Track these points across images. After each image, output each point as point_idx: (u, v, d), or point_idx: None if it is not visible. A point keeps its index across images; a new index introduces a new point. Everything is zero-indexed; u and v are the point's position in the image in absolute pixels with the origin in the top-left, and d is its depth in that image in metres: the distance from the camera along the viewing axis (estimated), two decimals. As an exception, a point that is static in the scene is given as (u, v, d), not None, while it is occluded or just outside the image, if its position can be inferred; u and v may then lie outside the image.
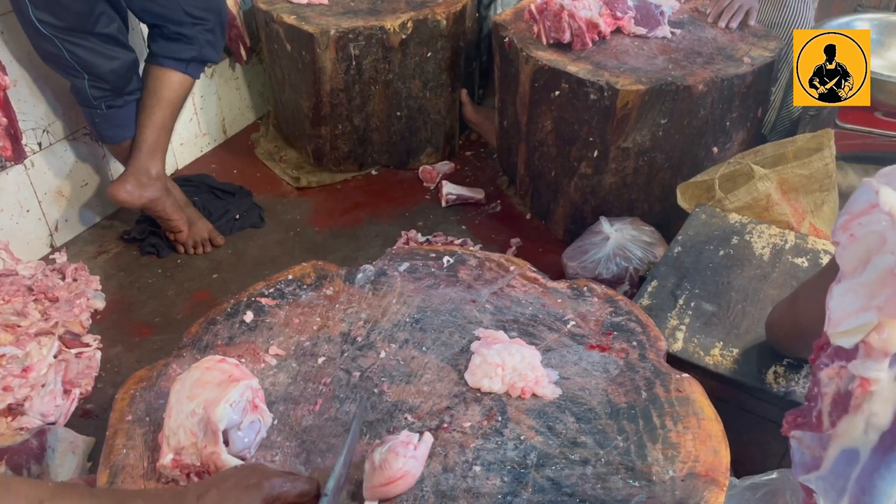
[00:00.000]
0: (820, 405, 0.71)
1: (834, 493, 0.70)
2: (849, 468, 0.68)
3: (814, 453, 0.72)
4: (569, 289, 1.34)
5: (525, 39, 2.22)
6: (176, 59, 2.09)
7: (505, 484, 0.99)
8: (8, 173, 2.12)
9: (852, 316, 0.66)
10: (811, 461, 0.72)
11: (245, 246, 2.39)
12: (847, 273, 0.69)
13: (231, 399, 0.99)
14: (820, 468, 0.71)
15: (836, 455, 0.69)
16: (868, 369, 0.65)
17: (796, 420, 0.76)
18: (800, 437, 0.74)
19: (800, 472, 0.73)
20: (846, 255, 0.69)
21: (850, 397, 0.67)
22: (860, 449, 0.67)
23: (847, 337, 0.66)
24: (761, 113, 2.27)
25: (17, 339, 1.80)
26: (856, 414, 0.66)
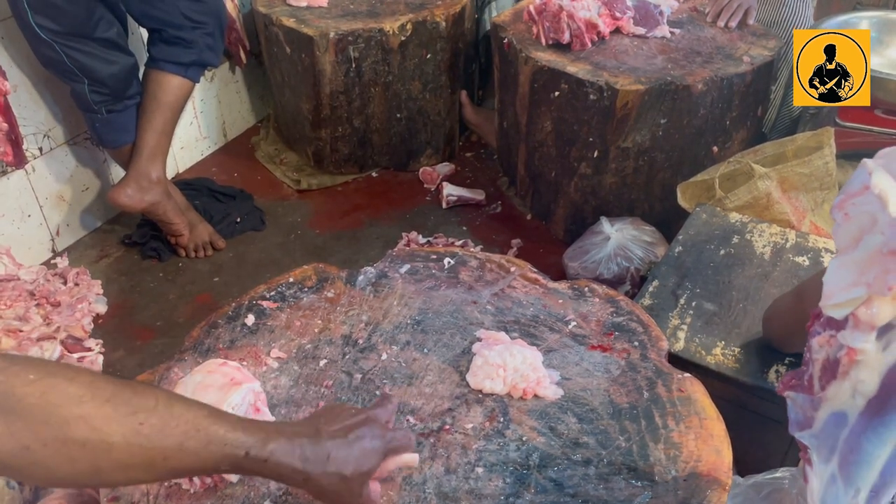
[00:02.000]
0: (811, 369, 0.77)
1: (825, 450, 0.76)
2: (838, 429, 0.74)
3: (806, 413, 0.78)
4: (570, 289, 1.34)
5: (524, 40, 2.23)
6: (176, 62, 2.09)
7: (507, 485, 0.99)
8: (9, 178, 2.12)
9: (844, 290, 0.70)
10: (804, 420, 0.78)
11: (246, 249, 2.39)
12: (841, 249, 0.72)
13: (233, 402, 0.99)
14: (812, 427, 0.77)
15: (826, 416, 0.75)
16: (855, 340, 0.70)
17: (790, 381, 0.82)
18: (793, 398, 0.80)
19: (795, 429, 0.80)
20: (841, 232, 0.72)
21: (838, 364, 0.72)
22: (848, 412, 0.73)
23: (838, 309, 0.71)
24: (761, 112, 2.27)
25: (20, 343, 1.80)
26: (843, 380, 0.72)
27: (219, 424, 0.78)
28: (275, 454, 0.80)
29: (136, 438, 0.73)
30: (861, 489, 0.73)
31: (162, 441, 0.74)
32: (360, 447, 0.87)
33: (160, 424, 0.75)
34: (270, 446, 0.80)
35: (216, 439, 0.77)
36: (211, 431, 0.77)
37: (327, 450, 0.84)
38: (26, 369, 0.69)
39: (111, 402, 0.73)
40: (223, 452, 0.78)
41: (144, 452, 0.73)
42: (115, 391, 0.74)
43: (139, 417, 0.74)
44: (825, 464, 0.76)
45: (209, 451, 0.77)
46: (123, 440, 0.72)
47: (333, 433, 0.86)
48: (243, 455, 0.78)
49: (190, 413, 0.78)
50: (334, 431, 0.87)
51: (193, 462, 0.77)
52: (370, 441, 0.88)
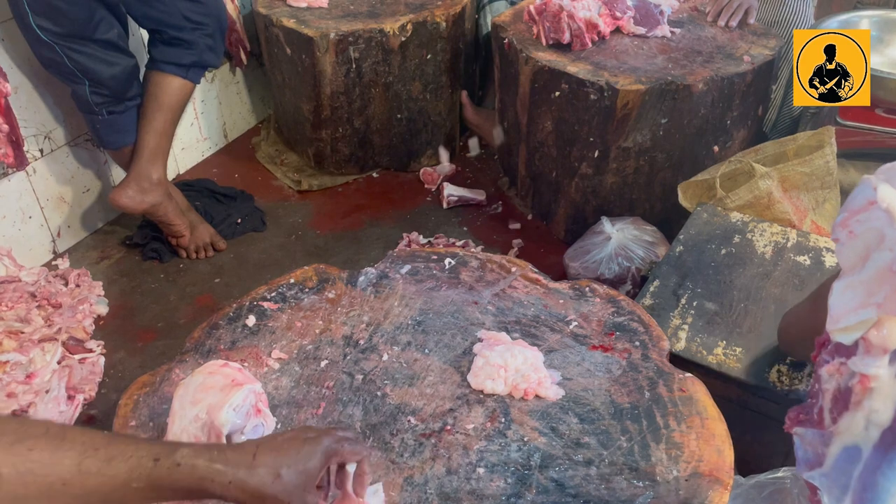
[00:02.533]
0: (821, 402, 0.72)
1: (837, 489, 0.70)
2: (851, 465, 0.68)
3: (816, 450, 0.72)
4: (570, 289, 1.34)
5: (524, 40, 2.23)
6: (176, 64, 2.09)
7: (508, 485, 0.99)
8: (10, 180, 2.12)
9: (851, 313, 0.66)
10: (814, 458, 0.72)
11: (247, 250, 2.39)
12: (847, 270, 0.69)
13: (234, 403, 0.99)
14: (823, 465, 0.71)
15: (839, 452, 0.70)
16: (868, 366, 0.65)
17: (798, 417, 0.76)
18: (802, 434, 0.74)
19: (803, 469, 0.74)
20: (845, 251, 0.69)
21: (850, 394, 0.67)
22: (862, 446, 0.67)
23: (847, 333, 0.66)
24: (762, 111, 2.27)
25: (21, 345, 1.80)
26: (856, 411, 0.67)
27: (120, 441, 0.73)
28: (187, 457, 0.74)
29: (27, 465, 0.66)
30: None
31: (56, 466, 0.68)
32: (295, 445, 0.79)
33: (51, 448, 0.68)
34: (182, 450, 0.74)
35: (119, 454, 0.71)
36: (111, 448, 0.71)
37: (252, 449, 0.77)
38: None
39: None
40: (129, 466, 0.71)
41: (38, 481, 0.67)
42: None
43: (27, 444, 0.67)
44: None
45: (113, 467, 0.70)
46: (13, 469, 0.66)
47: (256, 439, 0.81)
48: (153, 464, 0.72)
49: (85, 436, 0.71)
50: (263, 438, 0.81)
51: (98, 483, 0.69)
52: (307, 442, 0.80)
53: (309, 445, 0.80)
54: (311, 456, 0.79)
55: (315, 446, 0.80)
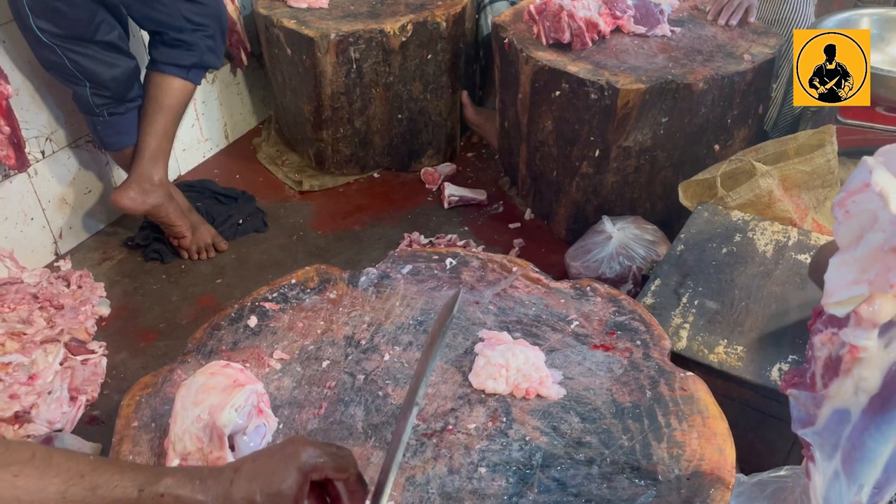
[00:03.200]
0: (814, 367, 0.77)
1: (828, 447, 0.76)
2: (841, 426, 0.74)
3: (809, 410, 0.78)
4: (572, 289, 1.35)
5: (525, 40, 2.23)
6: (177, 65, 2.09)
7: (510, 485, 0.99)
8: (11, 182, 2.13)
9: (845, 287, 0.70)
10: (807, 417, 0.78)
11: (248, 250, 2.39)
12: (843, 247, 0.72)
13: (236, 404, 0.99)
14: (815, 424, 0.77)
15: (829, 414, 0.75)
16: (858, 337, 0.70)
17: (793, 379, 0.81)
18: (796, 395, 0.80)
19: (797, 427, 0.79)
20: (842, 230, 0.72)
21: (840, 362, 0.72)
22: (851, 409, 0.73)
23: (840, 307, 0.70)
24: (762, 110, 2.27)
25: (23, 346, 1.81)
26: (846, 378, 0.72)
27: (105, 468, 0.73)
28: (171, 487, 0.73)
29: (12, 492, 0.66)
30: (864, 485, 0.73)
31: (41, 492, 0.67)
32: (271, 465, 0.77)
33: (37, 475, 0.68)
34: (165, 480, 0.74)
35: (103, 483, 0.71)
36: (97, 476, 0.71)
37: (229, 474, 0.76)
38: None
39: None
40: (114, 496, 0.71)
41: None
42: None
43: (13, 469, 0.67)
44: (828, 461, 0.76)
45: (98, 496, 0.70)
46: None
47: (239, 460, 0.79)
48: (137, 494, 0.71)
49: (71, 462, 0.71)
50: (240, 458, 0.80)
51: None
52: (284, 459, 0.77)
53: (285, 464, 0.77)
54: (286, 476, 0.76)
55: (292, 463, 0.77)
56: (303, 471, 0.76)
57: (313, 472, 0.77)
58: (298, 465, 0.76)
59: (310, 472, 0.77)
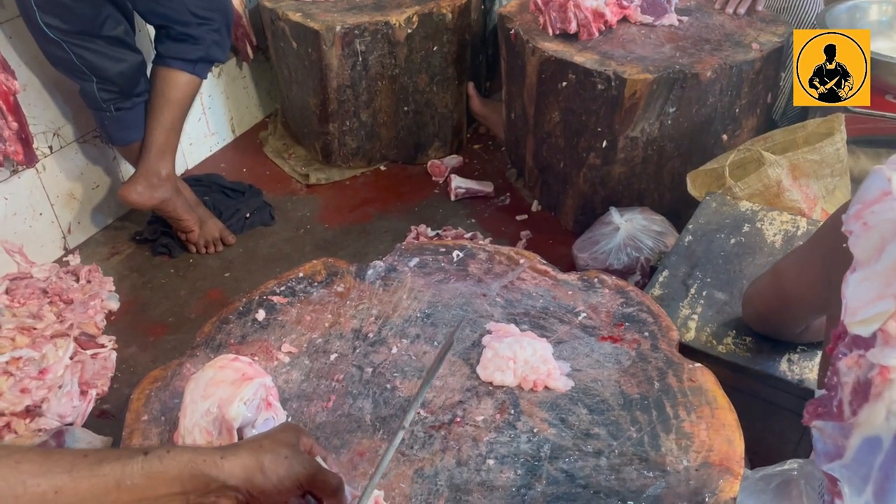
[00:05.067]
0: (840, 394, 0.71)
1: (858, 480, 0.70)
2: (872, 456, 0.68)
3: (836, 442, 0.72)
4: (579, 280, 1.34)
5: (531, 31, 2.22)
6: (183, 59, 2.09)
7: (519, 477, 0.99)
8: (20, 177, 2.14)
9: (869, 304, 0.66)
10: (834, 450, 0.72)
11: (256, 244, 2.40)
12: (862, 262, 0.68)
13: (245, 397, 1.00)
14: (843, 457, 0.71)
15: (859, 443, 0.69)
16: (887, 357, 0.64)
17: (817, 410, 0.75)
18: (821, 427, 0.74)
19: (823, 462, 0.73)
20: (860, 243, 0.68)
21: (870, 386, 0.67)
22: (882, 436, 0.67)
23: (864, 325, 0.66)
24: (771, 99, 2.25)
25: (34, 341, 1.82)
26: (876, 402, 0.66)
27: (109, 449, 0.73)
28: (177, 446, 0.75)
29: (17, 477, 0.66)
30: None
31: (47, 475, 0.67)
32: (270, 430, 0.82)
33: (40, 460, 0.68)
34: (171, 445, 0.75)
35: (108, 455, 0.71)
36: (101, 453, 0.71)
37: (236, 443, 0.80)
38: None
39: None
40: (121, 463, 0.70)
41: (30, 491, 0.66)
42: None
43: (15, 458, 0.67)
44: (858, 496, 0.70)
45: (105, 467, 0.69)
46: (3, 483, 0.65)
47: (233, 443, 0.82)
48: (143, 456, 0.71)
49: (71, 449, 0.73)
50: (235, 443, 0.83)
51: (91, 485, 0.68)
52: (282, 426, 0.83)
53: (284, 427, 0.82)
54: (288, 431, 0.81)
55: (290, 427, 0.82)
56: (300, 430, 0.82)
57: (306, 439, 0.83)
58: (295, 427, 0.83)
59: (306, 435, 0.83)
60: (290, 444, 0.79)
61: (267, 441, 0.78)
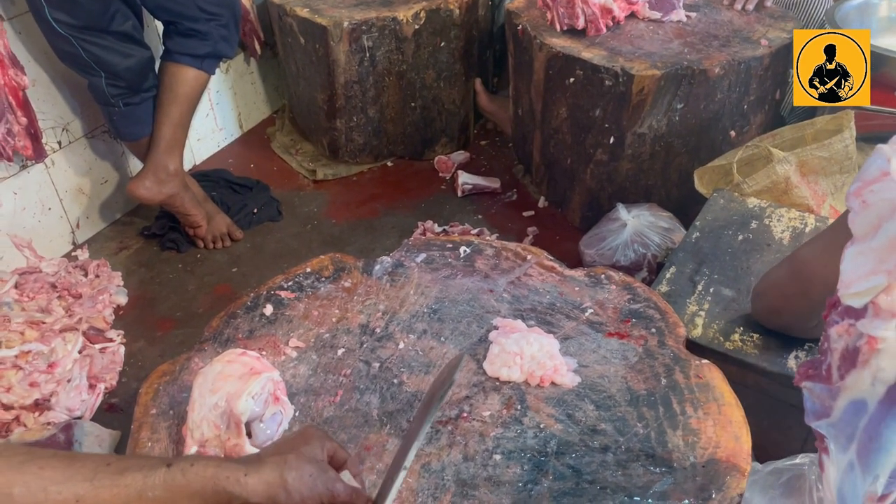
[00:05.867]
0: (830, 359, 0.76)
1: (843, 438, 0.75)
2: (857, 417, 0.73)
3: (824, 403, 0.77)
4: (586, 276, 1.34)
5: (538, 26, 2.21)
6: (191, 55, 2.10)
7: (525, 472, 0.99)
8: (29, 172, 2.15)
9: (863, 278, 0.69)
10: (821, 409, 0.77)
11: (263, 239, 2.40)
12: (859, 237, 0.71)
13: (253, 391, 1.00)
14: (830, 416, 0.76)
15: (845, 405, 0.74)
16: (876, 328, 0.68)
17: (808, 371, 0.81)
18: (811, 388, 0.79)
19: (811, 419, 0.79)
20: (858, 220, 0.71)
21: (857, 353, 0.71)
22: (868, 400, 0.72)
23: (857, 298, 0.70)
24: (779, 95, 2.24)
25: (42, 335, 1.83)
26: (863, 368, 0.71)
27: (131, 456, 0.73)
28: (199, 459, 0.74)
29: (39, 483, 0.66)
30: (880, 476, 0.73)
31: (69, 482, 0.67)
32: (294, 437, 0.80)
33: (63, 466, 0.68)
34: (193, 456, 0.74)
35: (132, 465, 0.70)
36: (124, 462, 0.71)
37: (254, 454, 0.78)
38: None
39: (2, 454, 0.67)
40: (143, 474, 0.70)
41: (51, 498, 0.66)
42: (2, 447, 0.69)
43: (38, 463, 0.67)
44: (843, 452, 0.75)
45: (127, 477, 0.69)
46: (25, 488, 0.65)
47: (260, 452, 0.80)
48: (166, 468, 0.71)
49: (94, 455, 0.71)
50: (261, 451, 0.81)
51: (112, 495, 0.68)
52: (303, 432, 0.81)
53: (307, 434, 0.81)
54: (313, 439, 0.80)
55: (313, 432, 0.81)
56: (324, 437, 0.81)
57: (329, 445, 0.81)
58: (319, 434, 0.81)
59: (329, 441, 0.81)
60: (316, 459, 0.77)
61: (292, 456, 0.76)
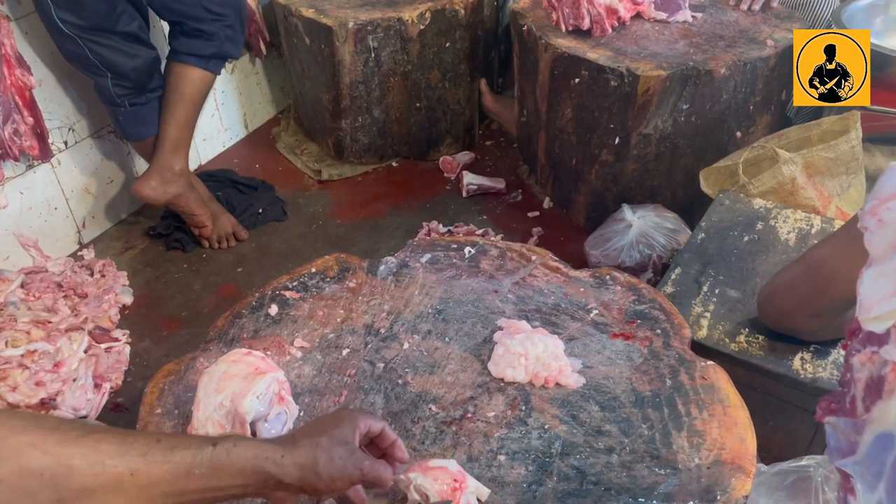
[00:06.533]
0: (853, 391, 0.71)
1: (870, 476, 0.69)
2: (885, 452, 0.68)
3: (849, 438, 0.72)
4: (591, 277, 1.34)
5: (544, 27, 2.21)
6: (197, 55, 2.10)
7: (529, 473, 0.99)
8: (35, 172, 2.15)
9: (884, 301, 0.65)
10: (846, 446, 0.72)
11: (268, 239, 2.41)
12: (877, 258, 0.68)
13: (258, 391, 1.01)
14: (856, 453, 0.71)
15: (872, 440, 0.69)
16: None
17: (830, 406, 0.76)
18: (834, 423, 0.74)
19: (836, 458, 0.73)
20: (875, 240, 0.68)
21: (883, 382, 0.66)
22: (895, 433, 0.67)
23: (879, 322, 0.66)
24: (785, 96, 2.23)
25: (48, 334, 1.83)
26: (890, 398, 0.66)
27: (177, 434, 0.77)
28: (242, 439, 0.78)
29: (96, 456, 0.68)
30: None
31: (123, 456, 0.69)
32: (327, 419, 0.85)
33: (118, 441, 0.70)
34: (236, 438, 0.77)
35: (179, 443, 0.74)
36: (172, 439, 0.74)
37: (289, 435, 0.83)
38: None
39: (60, 428, 0.69)
40: (191, 452, 0.73)
41: (108, 471, 0.68)
42: (59, 421, 0.70)
43: (94, 437, 0.69)
44: (871, 492, 0.70)
45: (177, 455, 0.72)
46: (84, 461, 0.67)
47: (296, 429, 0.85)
48: (212, 448, 0.74)
49: (144, 432, 0.75)
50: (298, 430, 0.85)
51: (163, 472, 0.71)
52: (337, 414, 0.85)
53: (339, 415, 0.85)
54: (344, 421, 0.83)
55: (346, 414, 0.85)
56: (356, 418, 0.84)
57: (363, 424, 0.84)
58: (352, 416, 0.85)
59: (362, 420, 0.85)
60: (346, 441, 0.81)
61: (325, 439, 0.80)
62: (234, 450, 0.75)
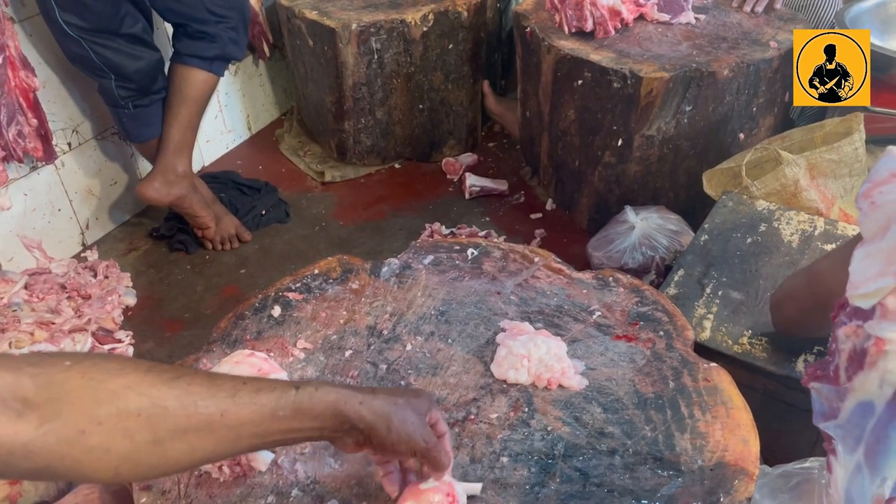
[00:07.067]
0: (837, 360, 0.76)
1: (851, 440, 0.75)
2: (864, 419, 0.73)
3: (832, 404, 0.77)
4: (594, 279, 1.34)
5: (547, 29, 2.21)
6: (200, 57, 2.11)
7: (532, 474, 0.99)
8: (39, 173, 2.16)
9: (871, 280, 0.69)
10: (829, 411, 0.78)
11: (271, 241, 2.41)
12: (867, 238, 0.71)
13: (260, 393, 1.00)
14: (837, 417, 0.76)
15: (853, 406, 0.74)
16: (884, 329, 0.68)
17: (815, 372, 0.81)
18: (818, 389, 0.79)
19: (819, 420, 0.79)
20: (867, 221, 0.71)
21: (865, 355, 0.71)
22: (875, 402, 0.72)
23: (865, 299, 0.70)
24: (788, 97, 2.23)
25: (52, 335, 1.84)
26: (871, 370, 0.71)
27: (261, 378, 0.80)
28: (323, 384, 0.81)
29: (189, 398, 0.71)
30: (888, 478, 0.72)
31: (214, 398, 0.73)
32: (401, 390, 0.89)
33: (207, 383, 0.74)
34: (317, 383, 0.81)
35: (264, 386, 0.77)
36: (257, 382, 0.77)
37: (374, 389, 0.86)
38: (59, 359, 0.68)
39: (153, 371, 0.72)
40: (275, 395, 0.76)
41: (200, 412, 0.71)
42: (152, 364, 0.73)
43: (185, 379, 0.73)
44: (851, 454, 0.75)
45: (262, 397, 0.76)
46: (177, 402, 0.70)
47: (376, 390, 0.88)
48: (295, 391, 0.78)
49: (231, 375, 0.79)
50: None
51: (251, 412, 0.74)
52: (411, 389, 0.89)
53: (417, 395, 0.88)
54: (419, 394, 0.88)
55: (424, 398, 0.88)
56: (431, 399, 0.89)
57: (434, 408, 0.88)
58: (428, 395, 0.89)
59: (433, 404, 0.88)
60: (421, 412, 0.85)
61: (402, 400, 0.84)
62: (315, 394, 0.78)
